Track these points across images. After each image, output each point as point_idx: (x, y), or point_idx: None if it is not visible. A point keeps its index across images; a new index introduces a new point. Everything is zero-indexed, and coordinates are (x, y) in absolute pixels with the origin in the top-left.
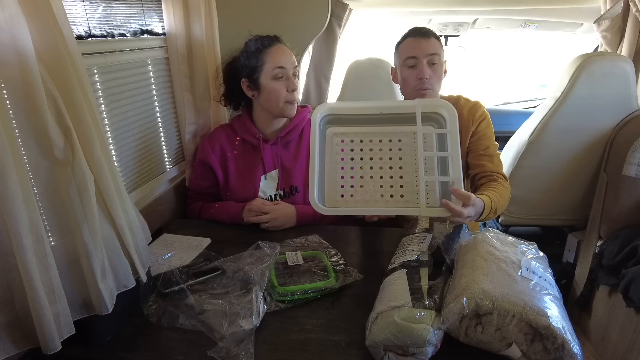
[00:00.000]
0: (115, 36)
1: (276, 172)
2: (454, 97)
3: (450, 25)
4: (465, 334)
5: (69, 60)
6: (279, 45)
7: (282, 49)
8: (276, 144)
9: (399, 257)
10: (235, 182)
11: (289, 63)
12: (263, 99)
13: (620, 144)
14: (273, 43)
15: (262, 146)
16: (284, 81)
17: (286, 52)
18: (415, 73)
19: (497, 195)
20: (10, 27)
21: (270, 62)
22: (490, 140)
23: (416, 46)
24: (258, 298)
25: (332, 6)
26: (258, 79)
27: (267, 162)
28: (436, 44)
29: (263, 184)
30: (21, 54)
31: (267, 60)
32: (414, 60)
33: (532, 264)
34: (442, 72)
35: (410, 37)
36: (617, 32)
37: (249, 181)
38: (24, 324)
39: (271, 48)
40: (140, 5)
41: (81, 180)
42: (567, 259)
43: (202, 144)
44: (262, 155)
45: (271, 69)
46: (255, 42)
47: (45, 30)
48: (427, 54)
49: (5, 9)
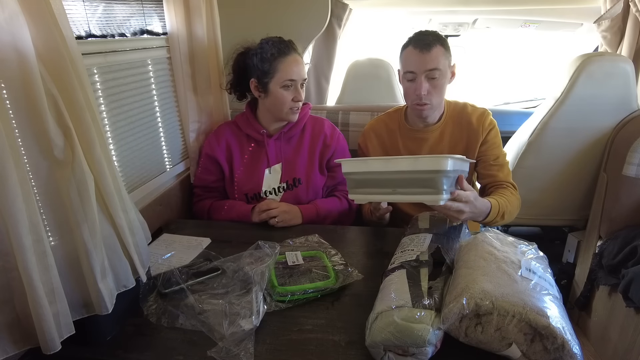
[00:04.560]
0: (115, 36)
1: (279, 166)
2: (460, 105)
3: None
4: (465, 334)
5: (69, 60)
6: (294, 56)
7: (296, 60)
8: (279, 139)
9: (399, 257)
10: (240, 175)
11: (300, 75)
12: (269, 102)
13: (620, 144)
14: (289, 53)
15: (266, 141)
16: (292, 91)
17: (299, 64)
18: (413, 87)
19: (506, 200)
20: (11, 26)
21: (282, 72)
22: (500, 149)
23: (415, 61)
24: (258, 298)
25: (332, 6)
26: (268, 84)
27: (271, 156)
28: (438, 56)
29: (267, 177)
30: (21, 53)
31: (280, 69)
32: (412, 74)
33: (532, 264)
34: (443, 84)
35: (411, 47)
36: (617, 32)
37: (253, 174)
38: (23, 323)
39: (286, 58)
40: (140, 5)
41: (81, 180)
42: (567, 259)
43: (209, 139)
44: (266, 149)
45: (282, 79)
46: (272, 46)
47: (45, 30)
48: (426, 69)
49: (6, 8)
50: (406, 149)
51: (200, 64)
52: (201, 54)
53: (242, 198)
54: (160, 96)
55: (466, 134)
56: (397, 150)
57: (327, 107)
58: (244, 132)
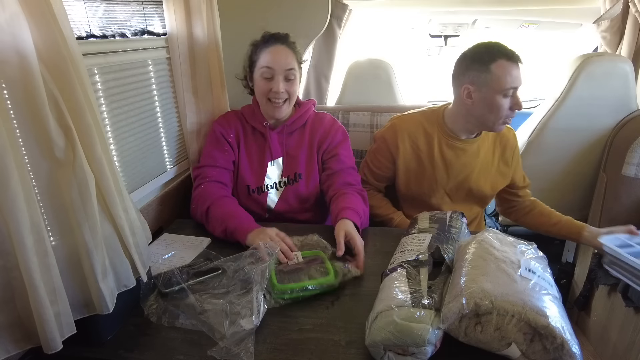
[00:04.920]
0: (116, 36)
1: (281, 160)
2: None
3: (450, 25)
4: (465, 333)
5: (70, 61)
6: (277, 46)
7: (277, 49)
8: (282, 132)
9: (399, 256)
10: (244, 165)
11: (279, 65)
12: (256, 94)
13: (620, 144)
14: (274, 42)
15: (269, 134)
16: (270, 82)
17: (280, 53)
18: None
19: None
20: (11, 27)
21: (261, 60)
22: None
23: (515, 75)
24: (258, 298)
25: (332, 6)
26: (253, 74)
27: (274, 149)
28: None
29: (270, 169)
30: (22, 54)
31: (260, 58)
32: (512, 90)
33: (531, 263)
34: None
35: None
36: (616, 33)
37: (257, 167)
38: (25, 323)
39: (268, 47)
40: (140, 6)
41: (82, 180)
42: (566, 259)
43: (218, 121)
44: (269, 142)
45: (260, 67)
46: (262, 38)
47: (46, 30)
48: (519, 85)
49: (6, 9)
50: (441, 156)
51: (200, 64)
52: (201, 54)
53: (243, 190)
54: (161, 96)
55: (498, 156)
56: (431, 156)
57: (327, 107)
58: (249, 123)
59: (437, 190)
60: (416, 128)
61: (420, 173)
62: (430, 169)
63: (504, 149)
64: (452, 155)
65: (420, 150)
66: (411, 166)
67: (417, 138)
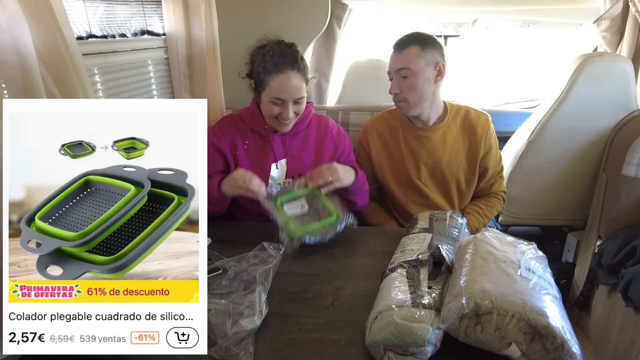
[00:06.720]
0: (116, 36)
1: (285, 161)
2: (463, 109)
3: (450, 25)
4: (465, 333)
5: (70, 61)
6: (288, 75)
7: (288, 78)
8: (285, 134)
9: (399, 256)
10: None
11: (290, 95)
12: (262, 107)
13: (620, 144)
14: (284, 69)
15: (272, 136)
16: (280, 107)
17: (291, 83)
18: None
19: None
20: (11, 27)
21: (272, 89)
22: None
23: (390, 61)
24: (261, 299)
25: (332, 6)
26: (261, 92)
27: (277, 151)
28: (408, 56)
29: (273, 171)
30: (22, 54)
31: (270, 85)
32: (390, 75)
33: (531, 263)
34: (415, 83)
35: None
36: (616, 33)
37: (260, 168)
38: None
39: (279, 75)
40: (140, 6)
41: None
42: (566, 259)
43: (212, 129)
44: (272, 144)
45: (271, 95)
46: (272, 58)
47: (45, 30)
48: (395, 69)
49: (6, 9)
50: (407, 146)
51: (198, 65)
52: (199, 55)
53: None
54: (161, 96)
55: (468, 141)
56: (398, 148)
57: (327, 107)
58: (249, 125)
59: (413, 182)
60: (382, 125)
61: (393, 166)
62: (400, 161)
63: (473, 132)
64: (416, 144)
65: (388, 144)
66: (384, 162)
67: (383, 134)
